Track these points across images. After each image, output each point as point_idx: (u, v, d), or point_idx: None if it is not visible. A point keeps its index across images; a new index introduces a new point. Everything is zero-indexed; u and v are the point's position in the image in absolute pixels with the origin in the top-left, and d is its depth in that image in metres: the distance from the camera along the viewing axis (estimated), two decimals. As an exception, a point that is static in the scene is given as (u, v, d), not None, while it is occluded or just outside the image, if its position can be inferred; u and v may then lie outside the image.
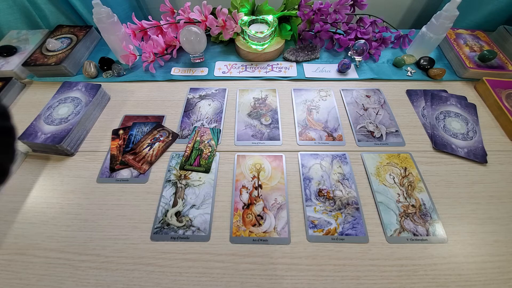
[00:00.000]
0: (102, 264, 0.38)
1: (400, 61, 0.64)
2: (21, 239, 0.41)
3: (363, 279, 0.36)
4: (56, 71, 0.63)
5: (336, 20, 0.65)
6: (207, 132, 0.52)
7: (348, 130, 0.53)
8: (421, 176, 0.46)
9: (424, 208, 0.42)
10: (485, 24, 0.70)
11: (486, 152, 0.49)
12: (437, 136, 0.51)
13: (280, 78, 0.63)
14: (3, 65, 0.63)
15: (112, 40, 0.61)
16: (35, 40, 0.69)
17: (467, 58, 0.62)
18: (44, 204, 0.44)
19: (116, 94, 0.61)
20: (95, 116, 0.56)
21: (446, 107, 0.56)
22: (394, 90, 0.60)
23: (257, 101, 0.58)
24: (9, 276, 0.37)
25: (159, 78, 0.64)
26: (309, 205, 0.43)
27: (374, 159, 0.48)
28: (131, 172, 0.47)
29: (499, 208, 0.43)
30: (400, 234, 0.40)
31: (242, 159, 0.49)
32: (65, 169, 0.48)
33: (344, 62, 0.62)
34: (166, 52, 0.65)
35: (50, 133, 0.48)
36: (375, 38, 0.66)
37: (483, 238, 0.40)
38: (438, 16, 0.58)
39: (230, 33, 0.64)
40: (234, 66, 0.66)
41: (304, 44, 0.69)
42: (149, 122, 0.54)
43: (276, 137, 0.52)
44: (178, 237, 0.40)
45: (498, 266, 0.37)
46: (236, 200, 0.44)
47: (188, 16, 0.61)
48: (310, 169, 0.47)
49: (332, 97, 0.59)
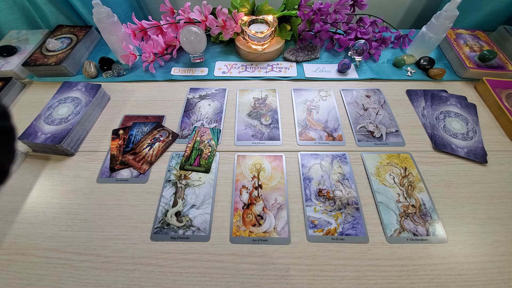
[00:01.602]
0: (102, 264, 0.38)
1: (400, 61, 0.64)
2: (21, 239, 0.41)
3: (363, 279, 0.36)
4: (56, 71, 0.63)
5: (336, 20, 0.65)
6: (207, 132, 0.52)
7: (348, 130, 0.53)
8: (421, 176, 0.46)
9: (424, 208, 0.42)
10: (485, 24, 0.70)
11: (486, 152, 0.49)
12: (437, 136, 0.51)
13: (280, 78, 0.63)
14: (3, 65, 0.63)
15: (112, 40, 0.61)
16: (35, 40, 0.69)
17: (467, 58, 0.62)
18: (44, 204, 0.44)
19: (116, 94, 0.61)
20: (95, 116, 0.56)
21: (446, 107, 0.56)
22: (394, 90, 0.60)
23: (257, 101, 0.58)
24: (9, 276, 0.37)
25: (159, 78, 0.64)
26: (309, 205, 0.43)
27: (374, 159, 0.48)
28: (131, 172, 0.47)
29: (499, 208, 0.43)
30: (400, 234, 0.40)
31: (242, 159, 0.49)
32: (65, 169, 0.48)
33: (344, 62, 0.62)
34: (166, 52, 0.65)
35: (50, 133, 0.48)
36: (375, 38, 0.66)
37: (483, 238, 0.40)
38: (438, 16, 0.58)
39: (230, 33, 0.64)
40: (234, 66, 0.66)
41: (304, 44, 0.69)
42: (149, 122, 0.54)
43: (276, 137, 0.52)
44: (178, 237, 0.40)
45: (498, 266, 0.37)
46: (236, 200, 0.44)
47: (188, 16, 0.61)
48: (310, 169, 0.47)
49: (332, 97, 0.59)
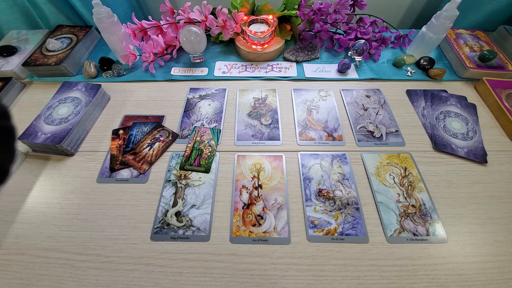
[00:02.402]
0: (102, 264, 0.38)
1: (400, 61, 0.64)
2: (21, 239, 0.41)
3: (363, 279, 0.36)
4: (56, 71, 0.63)
5: (336, 20, 0.65)
6: (207, 132, 0.52)
7: (348, 130, 0.53)
8: (421, 176, 0.46)
9: (424, 208, 0.42)
10: (485, 24, 0.70)
11: (486, 152, 0.49)
12: (437, 136, 0.51)
13: (280, 78, 0.63)
14: (3, 65, 0.63)
15: (112, 40, 0.61)
16: (35, 40, 0.69)
17: (467, 58, 0.62)
18: (44, 204, 0.44)
19: (116, 94, 0.61)
20: (95, 116, 0.56)
21: (446, 107, 0.56)
22: (394, 90, 0.60)
23: (257, 101, 0.58)
24: (9, 276, 0.37)
25: (159, 78, 0.64)
26: (309, 205, 0.43)
27: (374, 159, 0.48)
28: (131, 172, 0.47)
29: (499, 208, 0.43)
30: (400, 234, 0.40)
31: (242, 159, 0.49)
32: (65, 169, 0.48)
33: (344, 62, 0.62)
34: (166, 52, 0.65)
35: (50, 133, 0.48)
36: (375, 38, 0.66)
37: (483, 238, 0.40)
38: (438, 16, 0.58)
39: (230, 33, 0.64)
40: (234, 66, 0.66)
41: (304, 44, 0.69)
42: (149, 122, 0.54)
43: (276, 137, 0.52)
44: (178, 237, 0.40)
45: (498, 266, 0.37)
46: (236, 200, 0.44)
47: (188, 16, 0.61)
48: (310, 169, 0.47)
49: (332, 97, 0.59)
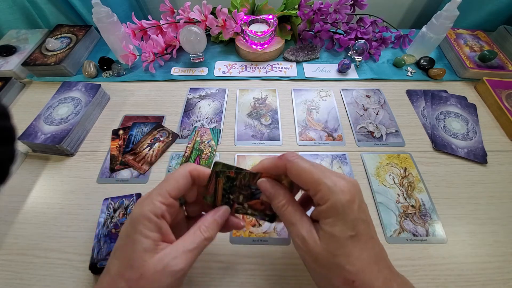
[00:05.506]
0: (102, 265, 0.38)
1: (400, 61, 0.64)
2: (21, 239, 0.41)
3: (363, 279, 0.36)
4: (55, 71, 0.63)
5: (336, 20, 0.65)
6: (207, 132, 0.52)
7: (348, 130, 0.53)
8: (421, 177, 0.46)
9: (424, 209, 0.42)
10: (485, 24, 0.70)
11: (486, 152, 0.49)
12: (437, 136, 0.51)
13: (280, 78, 0.63)
14: (3, 65, 0.62)
15: (111, 40, 0.61)
16: (35, 39, 0.69)
17: (467, 58, 0.62)
18: (44, 205, 0.44)
19: (116, 94, 0.61)
20: (95, 116, 0.56)
21: (446, 107, 0.56)
22: (394, 90, 0.60)
23: (257, 101, 0.58)
24: (9, 276, 0.37)
25: (159, 78, 0.63)
26: (309, 205, 0.43)
27: (374, 159, 0.48)
28: (131, 173, 0.47)
29: (499, 208, 0.43)
30: (400, 235, 0.40)
31: (242, 159, 0.49)
32: (65, 169, 0.48)
33: (344, 62, 0.62)
34: (166, 52, 0.65)
35: (50, 133, 0.48)
36: (375, 38, 0.66)
37: (483, 238, 0.40)
38: (438, 16, 0.58)
39: (230, 33, 0.64)
40: (234, 66, 0.66)
41: (304, 44, 0.69)
42: (149, 122, 0.54)
43: (276, 137, 0.52)
44: (178, 237, 0.40)
45: (498, 267, 0.37)
46: (236, 200, 0.44)
47: (188, 16, 0.61)
48: (310, 169, 0.47)
49: (332, 97, 0.59)
